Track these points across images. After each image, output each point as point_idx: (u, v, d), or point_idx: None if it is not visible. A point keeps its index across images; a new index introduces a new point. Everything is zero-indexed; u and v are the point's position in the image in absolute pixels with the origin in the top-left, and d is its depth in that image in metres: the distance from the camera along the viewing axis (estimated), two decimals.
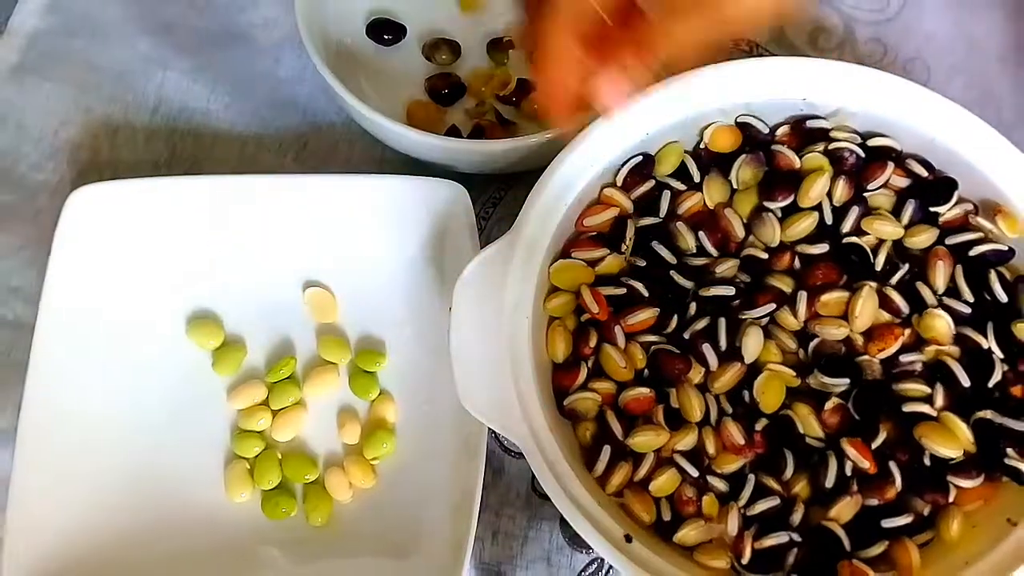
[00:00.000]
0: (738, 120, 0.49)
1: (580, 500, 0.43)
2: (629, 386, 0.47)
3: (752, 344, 0.46)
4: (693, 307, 0.47)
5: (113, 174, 0.59)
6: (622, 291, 0.47)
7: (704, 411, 0.46)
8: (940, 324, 0.46)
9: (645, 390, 0.46)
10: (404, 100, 0.60)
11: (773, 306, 0.46)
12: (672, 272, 0.48)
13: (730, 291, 0.47)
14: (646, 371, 0.47)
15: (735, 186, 0.50)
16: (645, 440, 0.45)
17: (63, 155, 0.60)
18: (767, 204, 0.49)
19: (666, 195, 0.49)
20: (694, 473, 0.45)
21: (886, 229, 0.47)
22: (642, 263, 0.49)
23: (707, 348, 0.46)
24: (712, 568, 0.44)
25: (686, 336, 0.47)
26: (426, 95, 0.60)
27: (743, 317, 0.47)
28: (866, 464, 0.44)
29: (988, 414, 0.45)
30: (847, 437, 0.45)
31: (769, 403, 0.46)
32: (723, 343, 0.46)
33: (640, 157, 0.49)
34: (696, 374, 0.47)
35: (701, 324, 0.47)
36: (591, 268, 0.48)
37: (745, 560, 0.44)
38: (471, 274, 0.46)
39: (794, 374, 0.46)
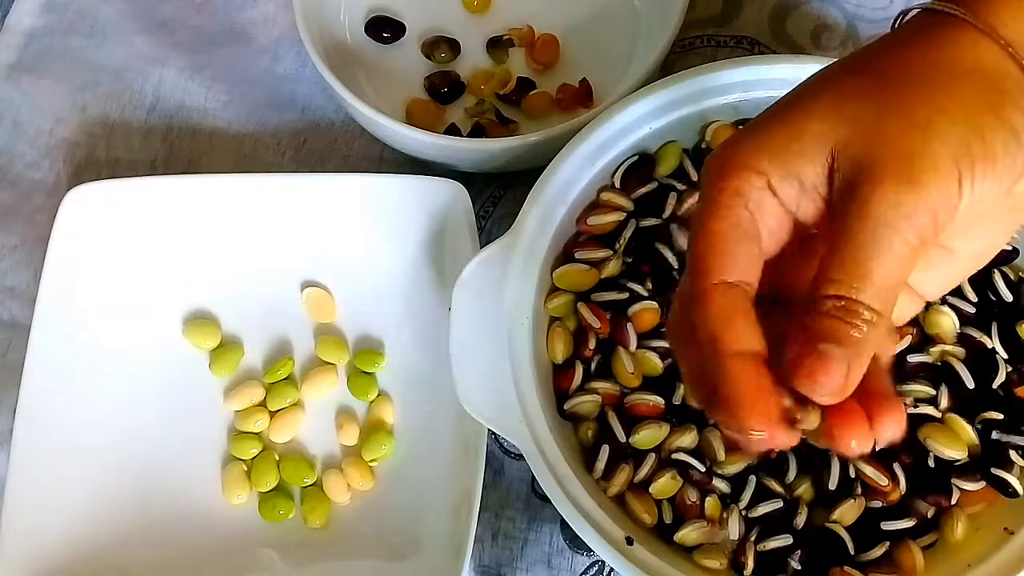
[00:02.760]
0: (740, 120, 0.49)
1: (581, 502, 0.43)
2: (637, 391, 0.46)
3: None
4: None
5: (110, 173, 0.59)
6: (624, 296, 0.47)
7: None
8: (945, 321, 0.46)
9: (655, 397, 0.46)
10: (403, 98, 0.59)
11: None
12: (675, 274, 0.47)
13: None
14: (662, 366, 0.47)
15: None
16: (647, 435, 0.45)
17: (59, 153, 0.60)
18: None
19: (672, 196, 0.49)
20: (700, 467, 0.44)
21: None
22: (639, 262, 0.48)
23: None
24: (712, 571, 0.44)
25: None
26: (425, 93, 0.60)
27: None
28: (884, 482, 0.44)
29: (994, 427, 0.44)
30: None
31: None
32: None
33: (636, 157, 0.49)
34: None
35: None
36: (595, 270, 0.48)
37: (748, 572, 0.43)
38: (470, 274, 0.45)
39: None
